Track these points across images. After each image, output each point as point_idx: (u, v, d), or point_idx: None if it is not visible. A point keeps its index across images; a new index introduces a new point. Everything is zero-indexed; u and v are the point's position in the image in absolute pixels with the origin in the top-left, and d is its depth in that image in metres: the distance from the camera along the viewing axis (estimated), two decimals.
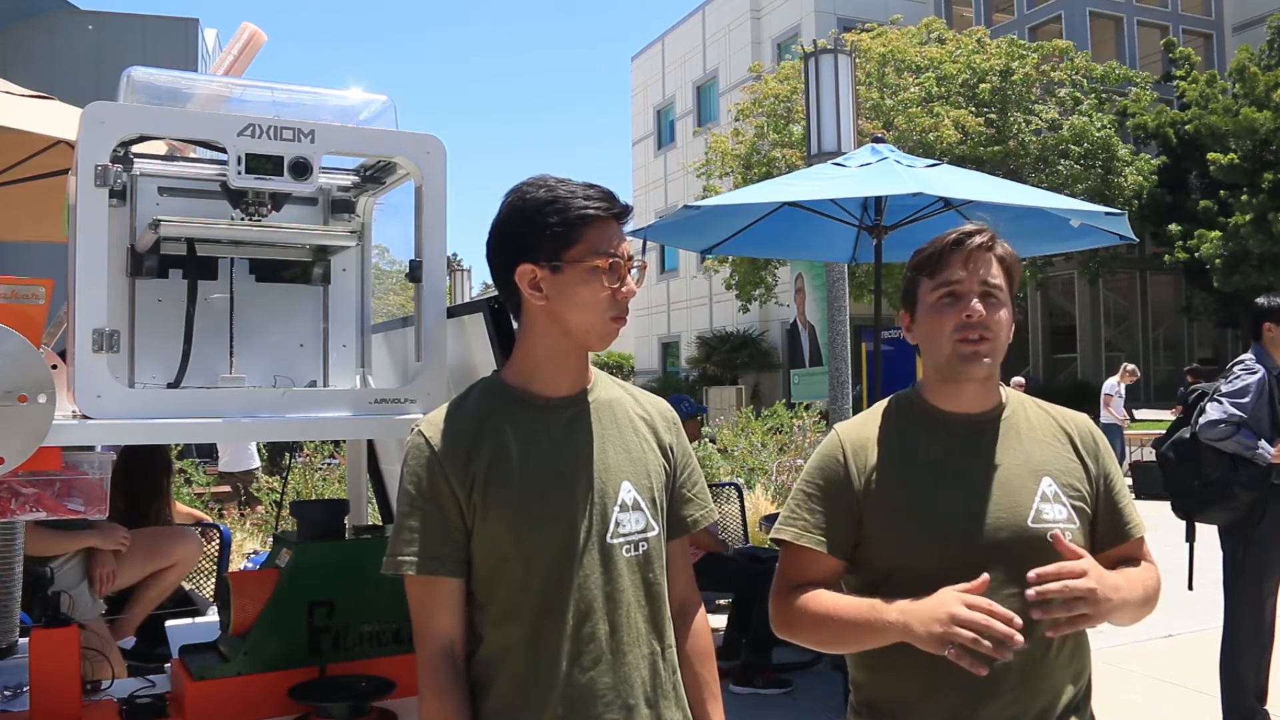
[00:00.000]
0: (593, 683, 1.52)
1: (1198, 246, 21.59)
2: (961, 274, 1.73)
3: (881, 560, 1.72)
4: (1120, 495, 1.78)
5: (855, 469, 1.75)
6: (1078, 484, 1.74)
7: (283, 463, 10.34)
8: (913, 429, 1.78)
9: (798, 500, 1.79)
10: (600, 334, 1.58)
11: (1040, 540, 1.64)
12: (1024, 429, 1.77)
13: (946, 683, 1.62)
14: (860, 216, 5.90)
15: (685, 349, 33.12)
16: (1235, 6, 29.01)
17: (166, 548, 4.20)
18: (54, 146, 3.42)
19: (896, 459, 1.75)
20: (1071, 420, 1.82)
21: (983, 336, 1.71)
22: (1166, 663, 5.40)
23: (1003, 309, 1.73)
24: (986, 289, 1.72)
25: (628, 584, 1.56)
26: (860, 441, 1.78)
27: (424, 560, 1.51)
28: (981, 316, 1.71)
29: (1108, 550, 1.75)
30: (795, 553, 1.76)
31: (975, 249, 1.74)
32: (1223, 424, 4.02)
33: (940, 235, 1.77)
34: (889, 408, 1.83)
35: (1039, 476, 1.71)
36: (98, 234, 1.74)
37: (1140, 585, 1.69)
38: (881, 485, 1.73)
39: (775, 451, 10.82)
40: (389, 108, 2.16)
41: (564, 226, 1.53)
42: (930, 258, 1.76)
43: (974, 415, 1.76)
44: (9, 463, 1.60)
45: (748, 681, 5.04)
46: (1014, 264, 1.77)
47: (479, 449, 1.54)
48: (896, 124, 20.74)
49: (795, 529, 1.76)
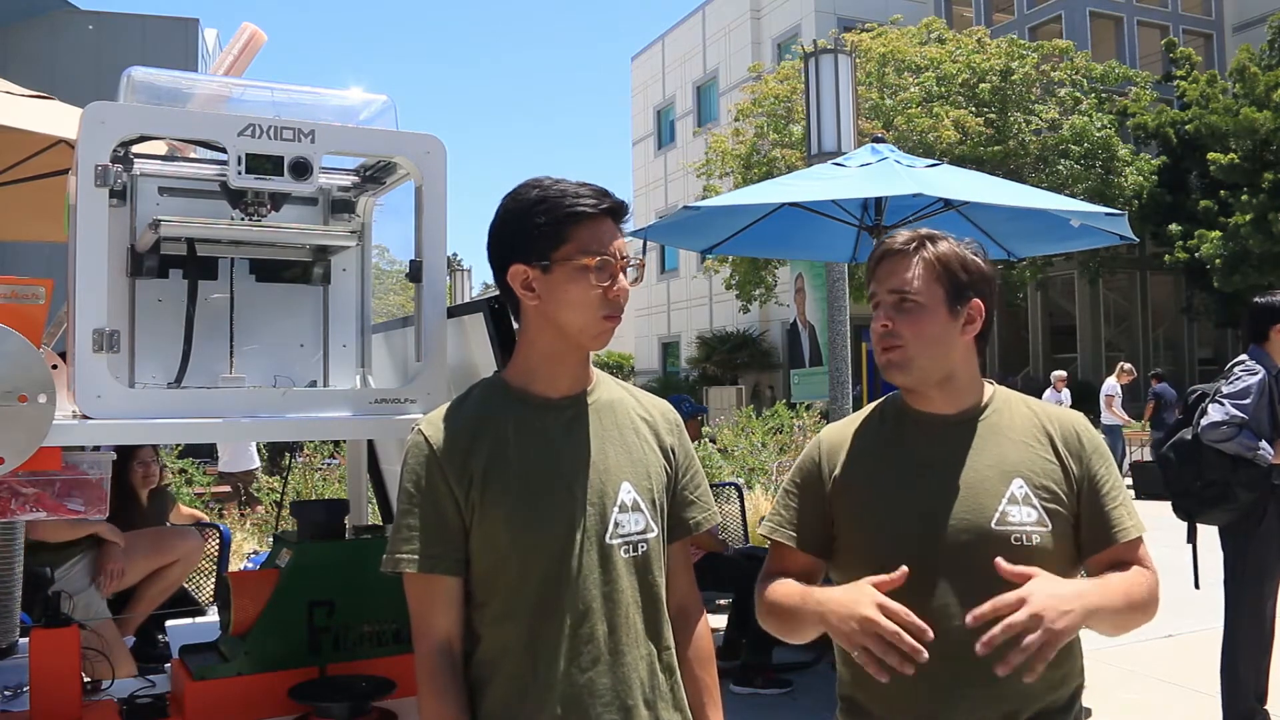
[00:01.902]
0: (591, 683, 1.52)
1: (1198, 246, 21.57)
2: (875, 285, 1.75)
3: (851, 557, 1.74)
4: (1108, 498, 1.71)
5: (827, 467, 1.79)
6: (1054, 485, 1.69)
7: (283, 463, 10.34)
8: (888, 429, 1.79)
9: (780, 497, 1.85)
10: (593, 333, 1.58)
11: (1004, 543, 1.62)
12: (1004, 429, 1.74)
13: (916, 682, 1.57)
14: (860, 216, 5.90)
15: (685, 349, 33.10)
16: (1235, 6, 28.99)
17: (170, 544, 4.24)
18: (54, 146, 3.42)
19: (866, 458, 1.77)
20: (1057, 420, 1.77)
21: (892, 345, 1.70)
22: (1167, 663, 5.40)
23: (921, 314, 1.69)
24: (899, 296, 1.70)
25: (626, 585, 1.56)
26: (838, 441, 1.81)
27: (423, 558, 1.51)
28: (887, 327, 1.70)
29: (1096, 554, 1.70)
30: (774, 547, 1.82)
31: (890, 255, 1.74)
32: (1225, 425, 4.02)
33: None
34: (873, 409, 1.85)
35: (1010, 478, 1.68)
36: (98, 234, 1.74)
37: (1121, 591, 1.62)
38: (849, 483, 1.75)
39: (775, 451, 10.82)
40: (389, 108, 2.16)
41: (551, 225, 1.54)
42: (867, 270, 1.80)
43: (948, 416, 1.75)
44: (9, 463, 1.60)
45: (748, 681, 5.05)
46: (956, 263, 1.71)
47: (478, 448, 1.54)
48: (896, 124, 20.74)
49: (772, 524, 1.82)
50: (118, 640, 3.68)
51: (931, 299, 1.69)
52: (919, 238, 1.74)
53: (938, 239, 1.74)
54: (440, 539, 1.52)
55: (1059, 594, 1.50)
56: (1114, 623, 1.63)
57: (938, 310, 1.70)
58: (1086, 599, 1.54)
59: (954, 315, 1.71)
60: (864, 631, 1.51)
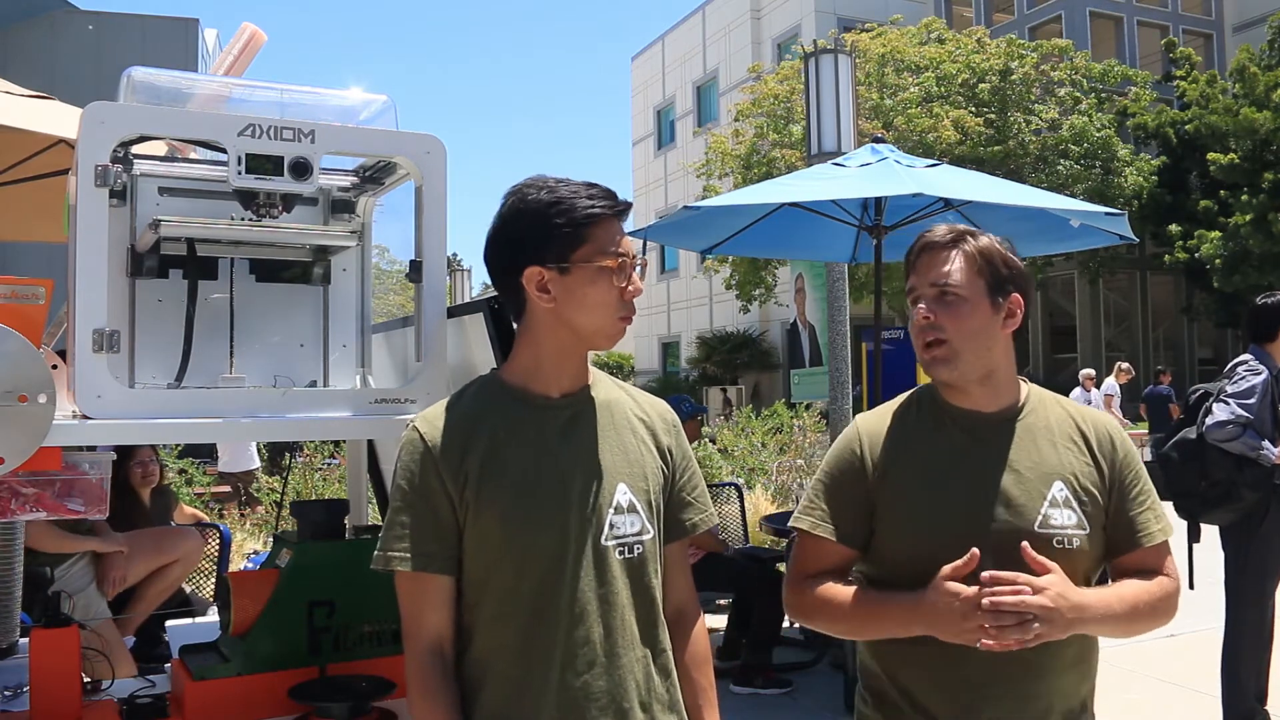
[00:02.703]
0: (587, 687, 1.51)
1: (1198, 247, 21.58)
2: (914, 279, 1.73)
3: (890, 551, 1.73)
4: (1136, 501, 1.73)
5: (870, 460, 1.75)
6: (1092, 488, 1.71)
7: (283, 463, 10.34)
8: (928, 424, 1.77)
9: (815, 490, 1.80)
10: (609, 334, 1.58)
11: (1046, 545, 1.63)
12: (1041, 431, 1.74)
13: (954, 677, 1.64)
14: (860, 216, 5.90)
15: (685, 349, 33.12)
16: (1235, 6, 28.99)
17: (170, 544, 4.25)
18: (54, 146, 3.42)
19: (910, 451, 1.75)
20: (1091, 421, 1.78)
21: (937, 339, 1.69)
22: (1167, 663, 5.40)
23: (963, 307, 1.68)
24: (941, 289, 1.69)
25: (621, 587, 1.55)
26: (877, 432, 1.78)
27: (415, 557, 1.50)
28: (929, 319, 1.69)
29: (1121, 557, 1.72)
30: (810, 541, 1.77)
31: (930, 248, 1.72)
32: (1230, 424, 4.02)
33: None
34: (907, 402, 1.83)
35: (1050, 480, 1.69)
36: (98, 234, 1.74)
37: (1129, 602, 1.66)
38: (894, 476, 1.73)
39: (775, 451, 10.82)
40: (389, 108, 2.16)
41: (571, 227, 1.52)
42: (905, 263, 1.78)
43: (987, 414, 1.74)
44: (9, 463, 1.60)
45: (748, 681, 5.04)
46: (997, 257, 1.71)
47: (473, 446, 1.53)
48: (896, 124, 20.74)
49: (811, 518, 1.77)
50: (118, 640, 3.68)
51: (973, 292, 1.68)
52: (959, 232, 1.73)
53: (977, 234, 1.73)
54: (433, 537, 1.51)
55: (1072, 602, 1.56)
56: (1115, 632, 1.68)
57: (980, 303, 1.69)
58: (1092, 613, 1.60)
59: (995, 309, 1.70)
60: (975, 609, 1.52)
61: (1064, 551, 1.65)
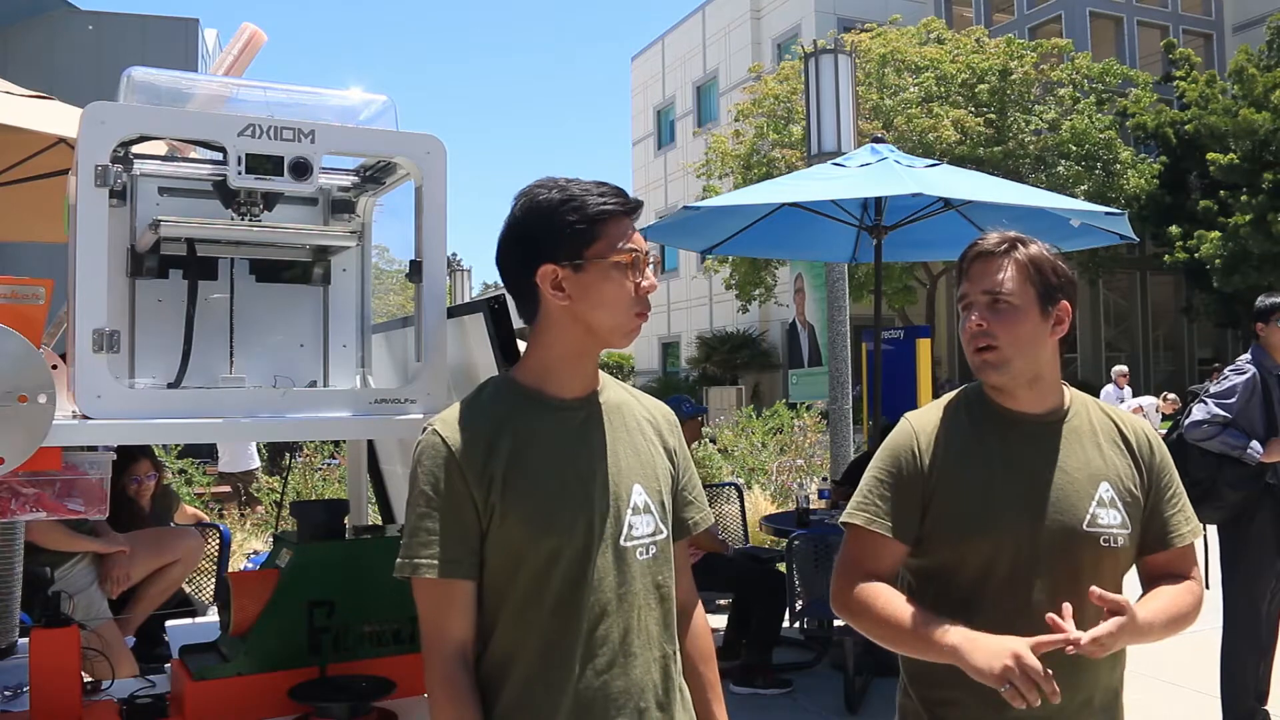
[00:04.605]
0: (606, 686, 1.51)
1: (1197, 247, 21.59)
2: (967, 285, 1.78)
3: (940, 548, 1.77)
4: (1170, 503, 1.81)
5: (926, 457, 1.79)
6: (1133, 489, 1.78)
7: (283, 463, 10.34)
8: (979, 424, 1.81)
9: (869, 486, 1.82)
10: (625, 331, 1.57)
11: (1094, 543, 1.71)
12: (1086, 433, 1.80)
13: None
14: (860, 217, 5.91)
15: (685, 349, 33.11)
16: (1235, 6, 28.99)
17: (171, 544, 4.25)
18: (54, 146, 3.43)
19: (964, 450, 1.79)
20: (1130, 425, 1.86)
21: (989, 345, 1.73)
22: (1166, 663, 5.40)
23: (1015, 314, 1.73)
24: (994, 297, 1.74)
25: (639, 587, 1.56)
26: (930, 430, 1.82)
27: (443, 563, 1.48)
28: (981, 326, 1.73)
29: (1151, 555, 1.80)
30: (864, 537, 1.80)
31: (982, 256, 1.77)
32: (1206, 424, 4.07)
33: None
34: (955, 402, 1.86)
35: (1097, 481, 1.75)
36: (98, 234, 1.74)
37: (1165, 612, 1.74)
38: (949, 474, 1.77)
39: (775, 452, 10.82)
40: (389, 108, 2.16)
41: (584, 223, 1.52)
42: (958, 270, 1.82)
43: (1035, 415, 1.80)
44: (9, 463, 1.60)
45: (748, 681, 5.04)
46: (1047, 266, 1.76)
47: (497, 449, 1.51)
48: (896, 124, 20.74)
49: (867, 514, 1.80)
50: (118, 640, 3.68)
51: (1025, 300, 1.74)
52: (1011, 239, 1.77)
53: (1028, 241, 1.78)
54: (459, 543, 1.49)
55: (1133, 632, 1.62)
56: (1155, 640, 1.76)
57: (1030, 311, 1.74)
58: (1146, 634, 1.68)
59: (1045, 316, 1.76)
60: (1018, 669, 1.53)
61: (1109, 550, 1.73)
